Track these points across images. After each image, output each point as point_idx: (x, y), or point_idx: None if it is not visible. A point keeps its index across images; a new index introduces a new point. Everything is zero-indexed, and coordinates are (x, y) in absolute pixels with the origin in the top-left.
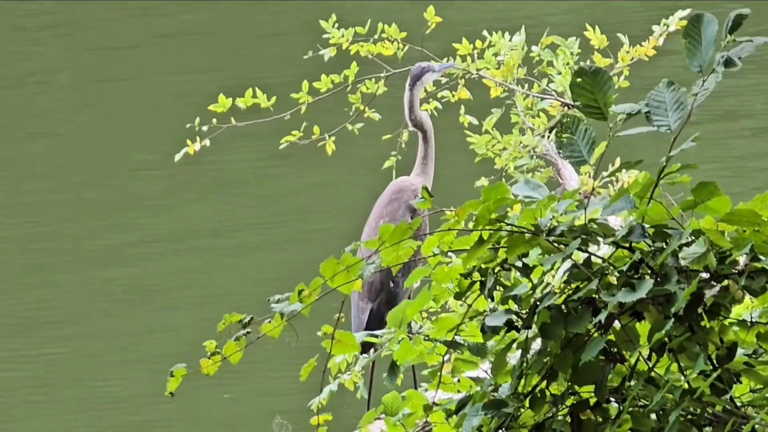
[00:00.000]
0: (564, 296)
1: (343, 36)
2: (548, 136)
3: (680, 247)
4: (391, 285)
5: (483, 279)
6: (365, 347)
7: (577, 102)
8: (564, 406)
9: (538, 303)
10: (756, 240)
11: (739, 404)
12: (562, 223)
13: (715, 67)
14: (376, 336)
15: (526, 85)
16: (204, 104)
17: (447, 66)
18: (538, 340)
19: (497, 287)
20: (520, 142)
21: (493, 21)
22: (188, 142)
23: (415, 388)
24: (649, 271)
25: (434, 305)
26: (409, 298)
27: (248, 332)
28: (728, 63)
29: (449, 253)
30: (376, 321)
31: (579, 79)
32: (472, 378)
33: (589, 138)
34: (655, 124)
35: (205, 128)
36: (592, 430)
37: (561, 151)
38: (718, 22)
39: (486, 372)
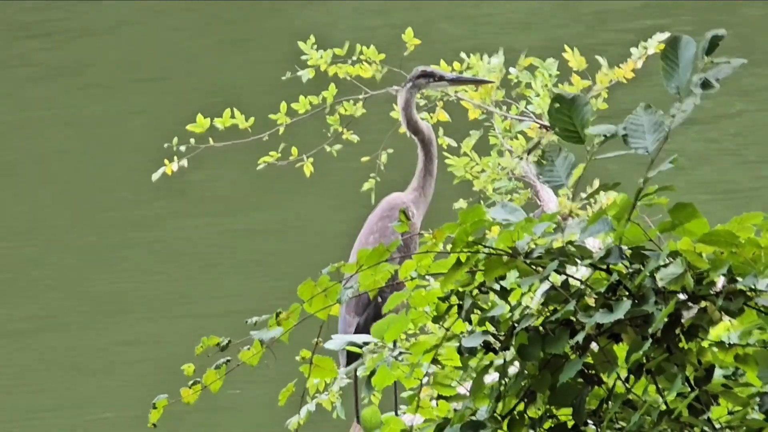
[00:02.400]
0: (542, 318)
1: (321, 57)
2: (526, 158)
3: (658, 268)
4: (379, 300)
5: (460, 302)
6: (350, 359)
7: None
8: (542, 429)
9: (515, 325)
10: (734, 261)
11: (717, 426)
12: (540, 246)
13: (692, 89)
14: (359, 346)
15: (505, 107)
16: (179, 126)
17: (458, 77)
18: (516, 363)
19: (475, 310)
20: (499, 164)
21: (474, 41)
22: (165, 161)
23: (396, 411)
24: (627, 293)
25: (413, 328)
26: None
27: (228, 360)
28: (705, 85)
29: (429, 277)
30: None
31: (557, 105)
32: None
33: (569, 164)
34: (632, 146)
35: (183, 148)
36: None
37: (540, 176)
38: (695, 44)
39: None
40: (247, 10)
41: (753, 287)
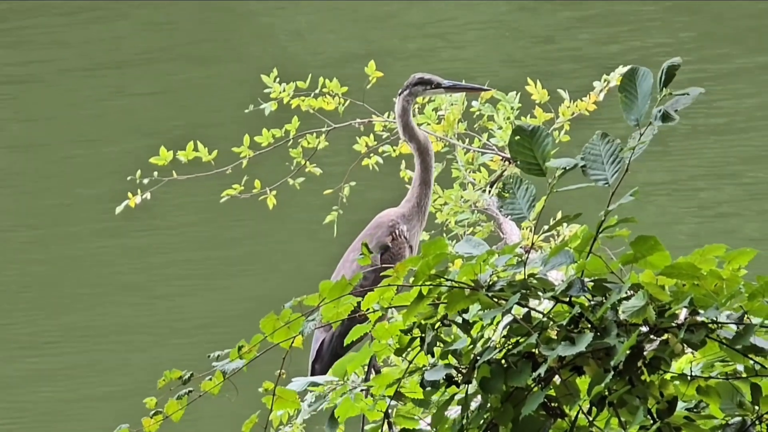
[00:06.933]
0: (504, 351)
1: (284, 90)
2: (489, 191)
3: (620, 300)
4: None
5: (423, 335)
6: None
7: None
8: None
9: (478, 357)
10: (696, 293)
11: None
12: (502, 279)
13: (652, 122)
14: (318, 384)
15: (467, 140)
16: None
17: (454, 85)
18: (479, 396)
19: (437, 343)
20: (461, 197)
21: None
22: (129, 194)
23: None
24: (589, 325)
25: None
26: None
27: (190, 391)
28: (665, 117)
29: (393, 309)
30: (327, 352)
31: (517, 137)
32: None
33: (530, 196)
34: (592, 178)
35: (146, 181)
36: None
37: (502, 209)
38: (652, 75)
39: (427, 425)
40: (213, 42)
41: (715, 319)
